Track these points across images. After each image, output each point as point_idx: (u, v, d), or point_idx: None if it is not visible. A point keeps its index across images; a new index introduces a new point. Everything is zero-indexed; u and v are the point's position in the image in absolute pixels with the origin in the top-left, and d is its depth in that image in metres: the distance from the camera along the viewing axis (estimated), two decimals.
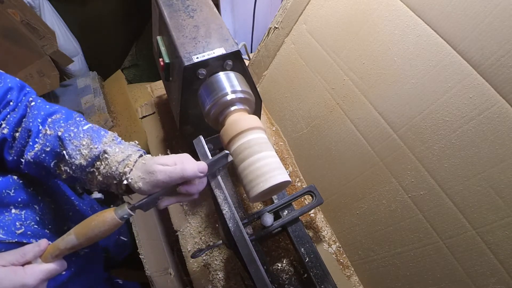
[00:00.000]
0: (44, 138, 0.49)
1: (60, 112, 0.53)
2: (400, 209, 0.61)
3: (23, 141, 0.50)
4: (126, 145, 0.50)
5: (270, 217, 0.65)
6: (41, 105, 0.52)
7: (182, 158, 0.47)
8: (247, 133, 0.52)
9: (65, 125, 0.50)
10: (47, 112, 0.51)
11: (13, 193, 0.53)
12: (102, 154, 0.47)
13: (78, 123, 0.51)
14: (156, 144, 0.92)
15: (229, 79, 0.59)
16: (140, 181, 0.46)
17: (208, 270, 0.73)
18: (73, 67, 1.66)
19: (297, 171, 0.85)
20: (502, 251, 0.48)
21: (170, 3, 0.66)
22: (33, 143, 0.49)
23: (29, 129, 0.50)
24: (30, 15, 1.30)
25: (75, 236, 0.44)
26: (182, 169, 0.45)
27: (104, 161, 0.47)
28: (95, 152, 0.47)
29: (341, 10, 0.69)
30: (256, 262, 0.47)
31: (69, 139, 0.48)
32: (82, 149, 0.48)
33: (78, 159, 0.48)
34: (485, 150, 0.48)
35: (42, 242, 0.45)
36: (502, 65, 0.45)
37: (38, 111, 0.51)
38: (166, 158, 0.47)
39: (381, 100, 0.63)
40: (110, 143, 0.49)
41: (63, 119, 0.51)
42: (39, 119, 0.50)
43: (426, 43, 0.54)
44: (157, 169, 0.45)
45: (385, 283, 0.66)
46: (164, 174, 0.45)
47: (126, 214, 0.45)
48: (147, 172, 0.46)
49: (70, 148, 0.48)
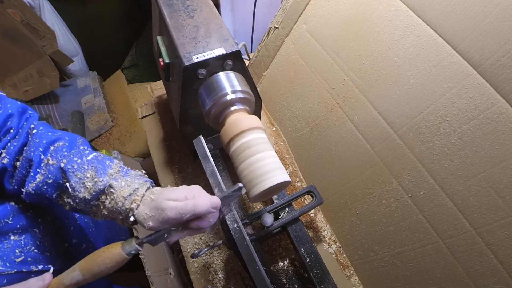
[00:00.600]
0: (46, 168, 0.47)
1: (63, 139, 0.50)
2: (400, 209, 0.61)
3: (24, 171, 0.48)
4: (133, 176, 0.47)
5: (270, 217, 0.65)
6: (43, 133, 0.50)
7: (194, 191, 0.45)
8: (247, 133, 0.52)
9: (68, 155, 0.47)
10: (49, 140, 0.49)
11: (11, 221, 0.51)
12: (108, 188, 0.45)
13: (82, 152, 0.48)
14: (156, 144, 0.92)
15: (229, 79, 0.59)
16: (149, 218, 0.43)
17: (208, 270, 0.73)
18: (73, 67, 1.66)
19: (297, 171, 0.85)
20: (502, 251, 0.48)
21: (170, 3, 0.66)
22: (34, 173, 0.47)
23: (30, 159, 0.47)
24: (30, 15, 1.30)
25: (80, 272, 0.43)
26: (194, 205, 0.43)
27: (110, 196, 0.45)
28: (100, 186, 0.44)
29: (341, 10, 0.69)
30: (256, 262, 0.47)
31: (72, 171, 0.45)
32: (86, 181, 0.45)
33: (82, 192, 0.45)
34: (485, 150, 0.48)
35: (47, 276, 0.43)
36: (502, 65, 0.45)
37: (40, 139, 0.48)
38: (176, 192, 0.45)
39: (381, 100, 0.63)
40: (116, 176, 0.46)
41: (66, 147, 0.49)
42: (41, 148, 0.48)
43: (426, 43, 0.54)
44: (167, 206, 0.43)
45: (385, 283, 0.66)
46: (175, 211, 0.43)
47: (134, 249, 0.44)
48: (157, 208, 0.43)
49: (74, 180, 0.45)
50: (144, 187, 0.46)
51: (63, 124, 1.48)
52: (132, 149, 1.41)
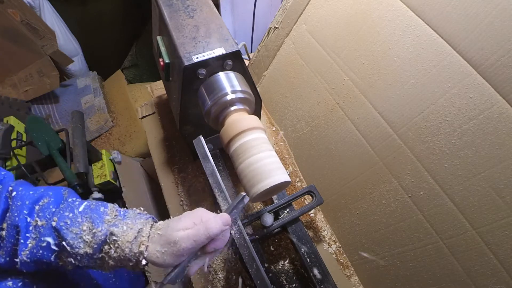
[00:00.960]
0: (36, 231, 0.42)
1: (47, 195, 0.45)
2: (400, 209, 0.61)
3: (13, 240, 0.43)
4: (132, 217, 0.44)
5: (270, 217, 0.65)
6: (24, 193, 0.45)
7: (200, 215, 0.43)
8: (247, 133, 0.52)
9: (57, 211, 0.43)
10: (32, 200, 0.44)
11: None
12: (109, 237, 0.41)
13: (72, 205, 0.44)
14: (156, 144, 0.92)
15: (229, 79, 0.59)
16: (162, 255, 0.41)
17: (208, 270, 0.73)
18: (73, 67, 1.66)
19: (297, 171, 0.85)
20: (502, 251, 0.48)
21: (170, 3, 0.66)
22: (24, 240, 0.42)
23: (16, 225, 0.43)
24: (30, 15, 1.30)
25: None
26: (206, 228, 0.41)
27: (113, 244, 0.41)
28: (100, 237, 0.41)
29: (341, 10, 0.69)
30: (256, 262, 0.47)
31: (66, 228, 0.41)
32: (84, 235, 0.41)
33: (82, 248, 0.41)
34: (485, 150, 0.48)
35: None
36: (502, 65, 0.45)
37: (22, 201, 0.44)
38: (183, 221, 0.43)
39: (381, 100, 0.63)
40: (114, 221, 0.43)
41: (52, 203, 0.44)
42: (25, 210, 0.43)
43: (426, 43, 0.54)
44: (179, 237, 0.40)
45: (385, 283, 0.66)
46: (189, 240, 0.40)
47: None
48: (168, 243, 0.41)
49: (70, 237, 0.41)
50: (148, 226, 0.44)
51: (63, 124, 1.48)
52: (132, 149, 1.41)
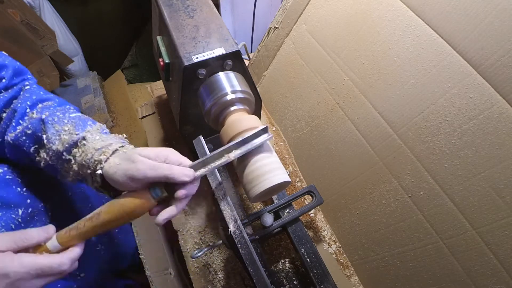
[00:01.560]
0: (28, 121, 0.46)
1: (53, 100, 0.50)
2: (400, 209, 0.61)
3: (8, 121, 0.47)
4: (111, 136, 0.46)
5: (270, 217, 0.65)
6: (34, 90, 0.49)
7: (167, 152, 0.43)
8: (247, 133, 0.52)
9: (52, 110, 0.46)
10: (39, 98, 0.48)
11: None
12: (81, 141, 0.43)
13: (67, 110, 0.48)
14: (156, 144, 0.92)
15: (229, 79, 0.59)
16: (116, 169, 0.40)
17: (208, 270, 0.73)
18: (73, 67, 1.66)
19: (297, 171, 0.85)
20: (502, 251, 0.48)
21: (170, 3, 0.66)
22: (16, 124, 0.46)
23: (15, 110, 0.46)
24: (30, 15, 1.30)
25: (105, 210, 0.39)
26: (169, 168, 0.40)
27: (81, 148, 0.43)
28: (74, 138, 0.43)
29: (341, 10, 0.69)
30: (256, 262, 0.47)
31: (52, 123, 0.44)
32: (63, 134, 0.44)
33: (55, 144, 0.43)
34: (485, 150, 0.48)
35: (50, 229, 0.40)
36: (502, 65, 0.45)
37: (30, 95, 0.48)
38: (148, 150, 0.42)
39: (381, 100, 0.63)
40: (93, 132, 0.44)
41: (53, 106, 0.48)
42: (29, 102, 0.47)
43: (426, 43, 0.54)
44: (139, 159, 0.40)
45: (385, 283, 0.66)
46: (146, 166, 0.39)
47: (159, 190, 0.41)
48: (126, 159, 0.40)
49: (51, 132, 0.44)
50: (119, 144, 0.44)
51: None
52: None
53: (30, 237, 0.38)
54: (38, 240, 0.38)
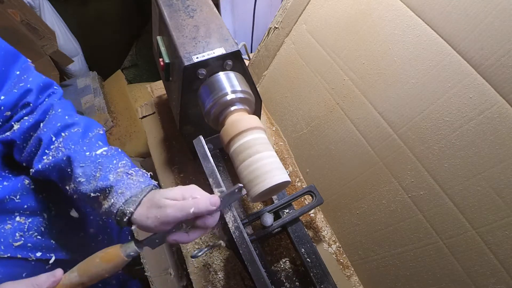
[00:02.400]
0: (55, 151, 0.47)
1: (79, 125, 0.49)
2: (400, 209, 0.61)
3: (33, 149, 0.48)
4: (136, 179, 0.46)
5: (270, 217, 0.65)
6: (60, 115, 0.49)
7: (191, 191, 0.44)
8: (247, 133, 0.52)
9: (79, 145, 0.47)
10: (64, 124, 0.48)
11: (18, 199, 0.49)
12: (109, 188, 0.44)
13: (93, 145, 0.48)
14: (156, 144, 0.92)
15: (229, 79, 0.59)
16: (146, 217, 0.42)
17: (208, 270, 0.73)
18: (73, 67, 1.66)
19: (297, 171, 0.85)
20: (502, 251, 0.48)
21: (170, 3, 0.66)
22: (42, 154, 0.47)
23: (40, 138, 0.47)
24: (30, 15, 1.31)
25: (78, 273, 0.42)
26: (194, 203, 0.42)
27: (109, 196, 0.44)
28: (101, 185, 0.44)
29: (341, 10, 0.69)
30: (256, 262, 0.47)
31: (78, 163, 0.45)
32: (89, 177, 0.45)
33: (83, 186, 0.44)
34: (485, 150, 0.48)
35: (57, 272, 0.42)
36: (502, 65, 0.45)
37: (55, 121, 0.48)
38: (174, 191, 0.44)
39: (381, 100, 0.63)
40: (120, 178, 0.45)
41: (79, 134, 0.48)
42: (54, 130, 0.47)
43: (426, 43, 0.54)
44: (166, 204, 0.42)
45: (385, 283, 0.66)
46: (175, 209, 0.41)
47: (133, 251, 0.43)
48: (155, 207, 0.42)
49: (77, 172, 0.45)
50: (146, 190, 0.45)
51: None
52: (132, 149, 1.41)
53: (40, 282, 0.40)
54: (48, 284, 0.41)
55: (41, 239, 0.52)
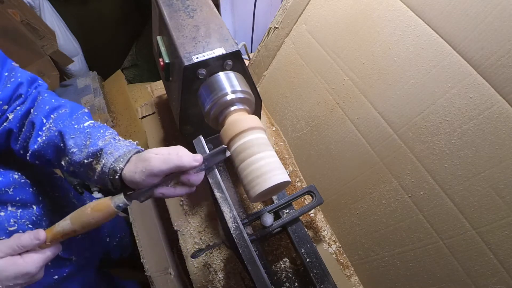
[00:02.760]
0: (47, 131, 0.51)
1: (65, 106, 0.54)
2: (400, 209, 0.61)
3: (28, 133, 0.52)
4: (124, 143, 0.51)
5: (270, 217, 0.65)
6: (47, 99, 0.54)
7: (177, 149, 0.48)
8: (247, 133, 0.52)
9: (68, 121, 0.52)
10: (52, 106, 0.53)
11: (11, 191, 0.54)
12: (99, 152, 0.48)
13: (80, 118, 0.53)
14: (156, 144, 0.92)
15: (229, 79, 0.59)
16: (134, 171, 0.45)
17: (208, 270, 0.73)
18: (73, 67, 1.66)
19: (297, 171, 0.85)
20: (502, 251, 0.48)
21: (170, 3, 0.66)
22: (36, 135, 0.51)
23: (33, 122, 0.52)
24: (30, 15, 1.31)
25: (71, 221, 0.45)
26: (178, 156, 0.45)
27: (100, 158, 0.48)
28: (92, 150, 0.48)
29: (341, 10, 0.69)
30: (256, 262, 0.47)
31: (69, 136, 0.50)
32: (80, 146, 0.49)
33: (75, 156, 0.49)
34: (485, 150, 0.48)
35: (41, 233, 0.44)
36: (502, 65, 0.45)
37: (43, 105, 0.53)
38: (160, 149, 0.47)
39: (381, 100, 0.63)
40: (108, 142, 0.49)
41: (67, 113, 0.53)
42: (44, 112, 0.52)
43: (426, 43, 0.54)
44: (151, 157, 0.45)
45: (385, 283, 0.66)
46: (158, 160, 0.44)
47: (122, 203, 0.46)
48: (141, 160, 0.46)
49: (69, 144, 0.49)
50: (134, 151, 0.49)
51: None
52: None
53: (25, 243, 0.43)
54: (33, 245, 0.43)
55: (32, 228, 0.57)
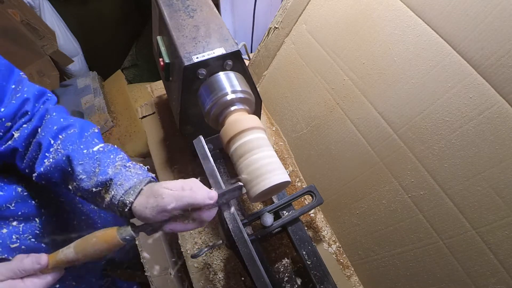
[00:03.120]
0: (55, 153, 0.49)
1: (74, 126, 0.52)
2: (400, 209, 0.61)
3: (34, 154, 0.50)
4: (134, 171, 0.48)
5: (270, 217, 0.65)
6: (55, 118, 0.52)
7: (191, 183, 0.45)
8: (247, 133, 0.52)
9: (77, 144, 0.49)
10: (60, 126, 0.51)
11: (13, 206, 0.52)
12: (109, 181, 0.45)
13: (89, 143, 0.50)
14: (156, 144, 0.92)
15: (229, 79, 0.59)
16: (145, 206, 0.43)
17: (208, 270, 0.73)
18: (73, 67, 1.66)
19: (297, 171, 0.85)
20: (502, 251, 0.48)
21: (170, 3, 0.66)
22: (42, 157, 0.49)
23: (40, 143, 0.49)
24: (30, 15, 1.31)
25: (74, 250, 0.43)
26: (191, 193, 0.43)
27: (109, 189, 0.45)
28: (101, 179, 0.45)
29: (341, 10, 0.69)
30: (256, 262, 0.47)
31: (77, 161, 0.47)
32: (89, 173, 0.46)
33: (84, 182, 0.46)
34: (485, 150, 0.48)
35: (43, 257, 0.42)
36: (502, 65, 0.45)
37: (51, 125, 0.50)
38: (174, 183, 0.45)
39: (381, 100, 0.63)
40: (118, 171, 0.47)
41: (76, 134, 0.51)
42: (51, 133, 0.50)
43: (426, 43, 0.54)
44: (164, 192, 0.42)
45: (385, 283, 0.66)
46: (172, 198, 0.42)
47: (128, 235, 0.44)
48: (153, 195, 0.43)
49: (77, 170, 0.47)
50: (145, 181, 0.46)
51: None
52: (132, 149, 1.41)
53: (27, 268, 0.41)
54: (34, 270, 0.42)
55: (34, 242, 0.55)
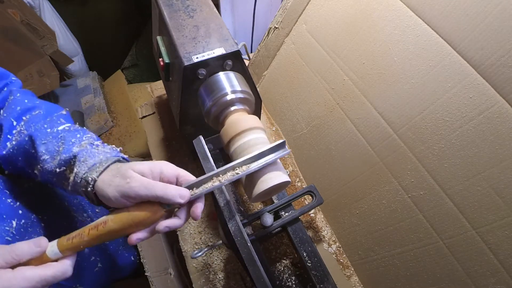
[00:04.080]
0: (18, 135, 0.45)
1: (40, 108, 0.47)
2: (400, 209, 0.61)
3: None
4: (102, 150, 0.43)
5: (270, 217, 0.65)
6: (19, 99, 0.47)
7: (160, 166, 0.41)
8: (247, 133, 0.52)
9: (41, 124, 0.45)
10: (25, 108, 0.47)
11: None
12: (72, 159, 0.41)
13: (55, 122, 0.46)
14: (156, 144, 0.92)
15: (229, 79, 0.59)
16: (109, 184, 0.38)
17: (208, 270, 0.73)
18: (73, 67, 1.66)
19: (297, 171, 0.85)
20: (502, 251, 0.48)
21: (170, 3, 0.66)
22: (5, 140, 0.45)
23: (1, 124, 0.46)
24: (30, 15, 1.30)
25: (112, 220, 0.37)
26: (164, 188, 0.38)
27: (74, 166, 0.40)
28: (64, 157, 0.41)
29: (341, 10, 0.69)
30: (256, 262, 0.47)
31: (41, 141, 0.43)
32: (53, 153, 0.42)
33: (47, 163, 0.42)
34: (485, 150, 0.48)
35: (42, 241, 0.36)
36: (502, 65, 0.45)
37: (15, 106, 0.47)
38: (143, 165, 0.40)
39: (381, 100, 0.63)
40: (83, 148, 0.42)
41: (41, 115, 0.46)
42: (14, 114, 0.46)
43: (426, 43, 0.54)
44: (133, 176, 0.38)
45: (385, 283, 0.66)
46: (141, 185, 0.37)
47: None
48: (120, 175, 0.38)
49: (41, 150, 0.42)
50: (112, 159, 0.42)
51: None
52: (132, 149, 1.41)
53: (21, 252, 0.35)
54: (31, 255, 0.35)
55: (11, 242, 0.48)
